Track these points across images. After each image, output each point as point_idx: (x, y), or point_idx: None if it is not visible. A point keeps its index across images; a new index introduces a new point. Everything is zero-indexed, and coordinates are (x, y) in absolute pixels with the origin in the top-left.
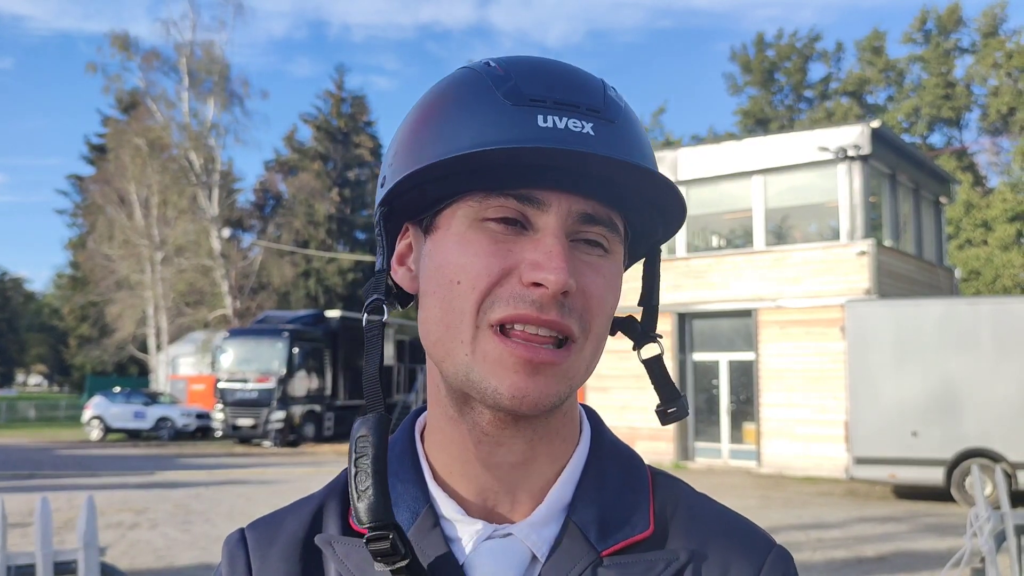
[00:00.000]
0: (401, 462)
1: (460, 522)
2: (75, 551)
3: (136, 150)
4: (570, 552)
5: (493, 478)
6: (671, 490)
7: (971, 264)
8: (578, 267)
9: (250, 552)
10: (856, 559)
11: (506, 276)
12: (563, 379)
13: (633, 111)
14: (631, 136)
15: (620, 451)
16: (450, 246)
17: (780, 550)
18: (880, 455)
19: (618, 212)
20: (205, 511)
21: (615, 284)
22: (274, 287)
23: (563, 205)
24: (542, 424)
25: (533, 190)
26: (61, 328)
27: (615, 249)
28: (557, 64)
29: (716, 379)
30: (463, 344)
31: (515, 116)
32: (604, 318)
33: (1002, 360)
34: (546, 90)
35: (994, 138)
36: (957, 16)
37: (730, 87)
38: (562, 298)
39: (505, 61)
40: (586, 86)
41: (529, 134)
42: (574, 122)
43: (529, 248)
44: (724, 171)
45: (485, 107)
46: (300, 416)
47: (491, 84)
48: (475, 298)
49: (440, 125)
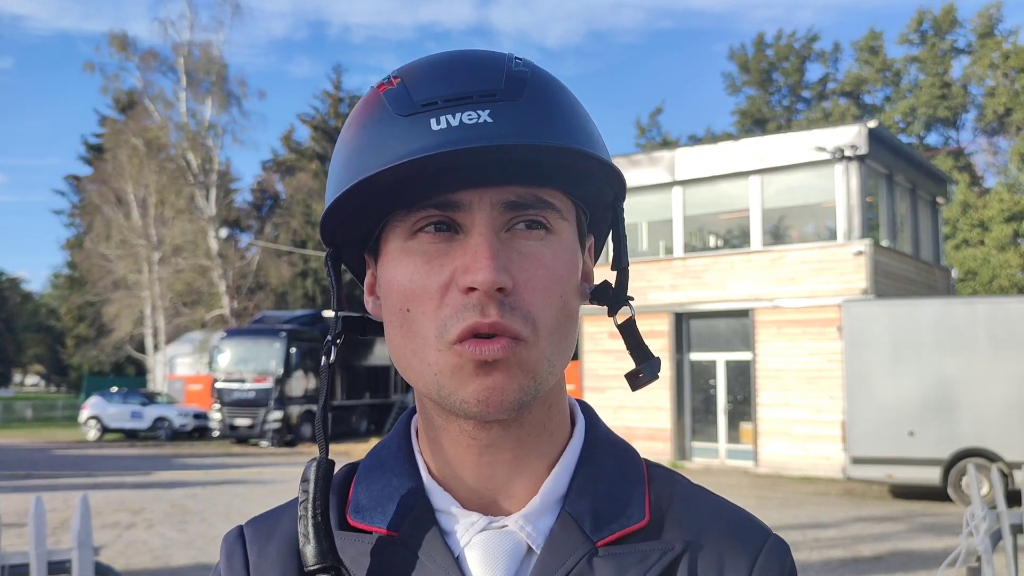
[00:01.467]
0: (397, 458)
1: (455, 515)
2: (69, 551)
3: (134, 150)
4: (565, 543)
5: (486, 476)
6: (667, 482)
7: (968, 264)
8: (516, 260)
9: (248, 548)
10: (853, 559)
11: (447, 289)
12: (520, 372)
13: (550, 79)
14: (538, 110)
15: (615, 444)
16: (391, 271)
17: (776, 539)
18: (877, 455)
19: (552, 188)
20: (202, 511)
21: (562, 265)
22: (272, 287)
23: (484, 200)
24: (528, 422)
25: (449, 195)
26: (58, 328)
27: (557, 227)
28: (453, 56)
29: (713, 379)
30: (429, 366)
31: (409, 127)
32: (554, 309)
33: (998, 360)
34: (436, 90)
35: (991, 138)
36: (953, 17)
37: (728, 87)
38: (500, 295)
39: (402, 69)
40: (481, 70)
41: (425, 142)
42: (469, 115)
43: (459, 253)
44: (721, 171)
45: (381, 126)
46: (297, 416)
47: (384, 101)
48: (428, 323)
49: (348, 155)
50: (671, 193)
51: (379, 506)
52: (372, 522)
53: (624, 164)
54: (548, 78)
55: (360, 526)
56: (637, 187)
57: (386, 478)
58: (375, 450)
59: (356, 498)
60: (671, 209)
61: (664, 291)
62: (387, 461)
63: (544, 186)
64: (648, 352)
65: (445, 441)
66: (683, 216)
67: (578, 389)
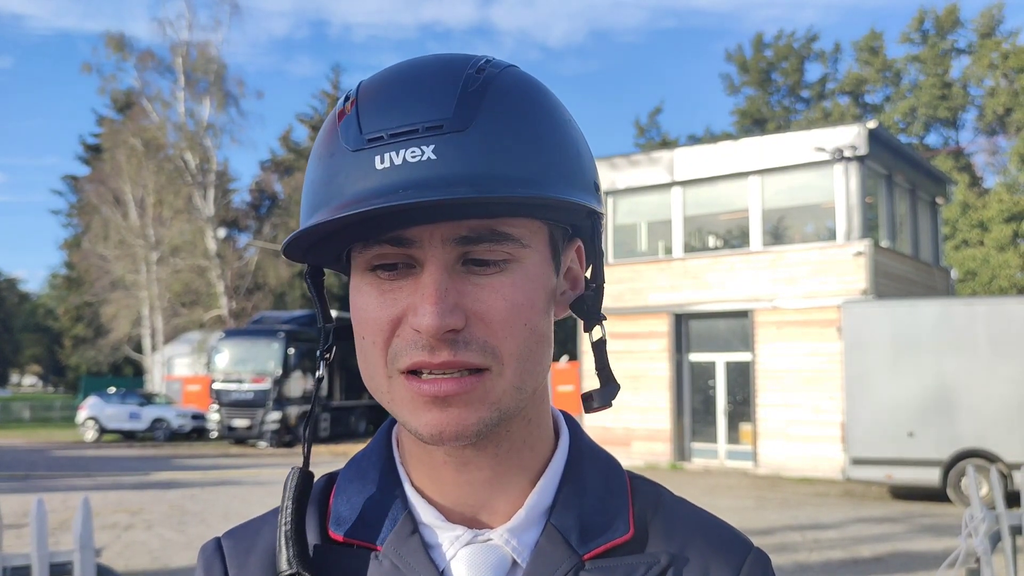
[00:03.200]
0: (378, 468)
1: (439, 528)
2: (71, 552)
3: (131, 150)
4: (551, 556)
5: (466, 493)
6: (650, 493)
7: (967, 265)
8: (471, 293)
9: (227, 561)
10: (852, 560)
11: (399, 324)
12: (481, 405)
13: (515, 89)
14: (487, 141)
15: (598, 455)
16: (353, 298)
17: (758, 552)
18: (876, 456)
19: (510, 217)
20: (200, 512)
21: (523, 294)
22: (270, 287)
23: (435, 237)
24: (505, 439)
25: (402, 231)
26: (56, 328)
27: (518, 255)
28: (408, 73)
29: (713, 380)
30: (383, 393)
31: (355, 163)
32: (517, 336)
33: (998, 361)
34: (383, 120)
35: (990, 138)
36: (955, 16)
37: (727, 87)
38: (452, 335)
39: (361, 88)
40: (432, 92)
41: (369, 182)
42: (412, 151)
43: (411, 289)
44: (721, 171)
45: (332, 160)
46: (296, 417)
47: (338, 131)
48: (378, 353)
49: (309, 184)
50: (670, 193)
51: (360, 518)
52: (353, 535)
53: (623, 164)
54: (515, 91)
55: (341, 539)
56: (636, 187)
57: (367, 489)
58: (355, 459)
59: (336, 510)
60: (670, 209)
61: (663, 292)
62: (368, 472)
63: (500, 216)
64: (611, 377)
65: (423, 457)
66: (683, 216)
67: (577, 389)
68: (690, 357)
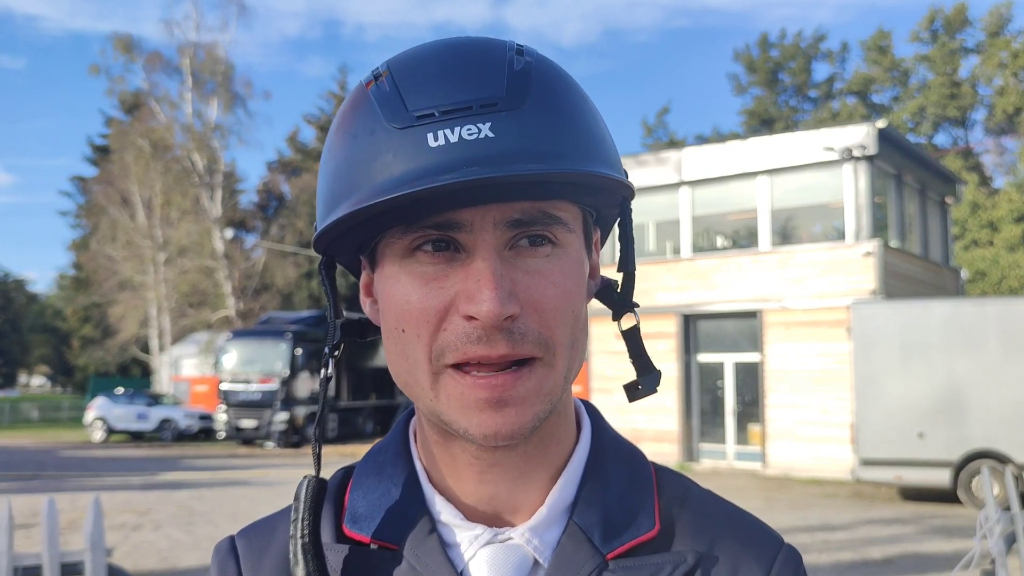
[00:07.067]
0: (395, 464)
1: (458, 527)
2: (81, 552)
3: (139, 151)
4: (574, 556)
5: (489, 492)
6: (676, 487)
7: (977, 265)
8: (523, 281)
9: (241, 561)
10: (863, 561)
11: (446, 314)
12: (536, 400)
13: (554, 73)
14: (543, 118)
15: (622, 447)
16: (389, 288)
17: (789, 549)
18: (886, 457)
19: (558, 200)
20: (208, 512)
21: (571, 280)
22: (277, 288)
23: (486, 219)
24: (536, 434)
25: (450, 213)
26: (64, 329)
27: (564, 240)
28: (448, 51)
29: (721, 380)
30: (425, 390)
31: (403, 141)
32: (567, 325)
33: (1008, 361)
34: (432, 98)
35: (999, 138)
36: (964, 16)
37: (734, 87)
38: (508, 323)
39: (392, 63)
40: (480, 71)
41: (423, 160)
42: (468, 128)
43: (461, 276)
44: (729, 171)
45: (373, 137)
46: (303, 417)
47: (375, 106)
48: (423, 347)
49: (338, 166)
50: (678, 193)
51: (377, 516)
52: (370, 533)
53: (631, 164)
54: (553, 73)
55: (357, 537)
56: (644, 187)
57: (384, 485)
58: (371, 454)
59: (352, 506)
60: (678, 209)
61: (671, 292)
62: (385, 467)
63: (550, 199)
64: (650, 363)
65: (445, 458)
66: (691, 216)
67: (585, 390)
68: (698, 358)
